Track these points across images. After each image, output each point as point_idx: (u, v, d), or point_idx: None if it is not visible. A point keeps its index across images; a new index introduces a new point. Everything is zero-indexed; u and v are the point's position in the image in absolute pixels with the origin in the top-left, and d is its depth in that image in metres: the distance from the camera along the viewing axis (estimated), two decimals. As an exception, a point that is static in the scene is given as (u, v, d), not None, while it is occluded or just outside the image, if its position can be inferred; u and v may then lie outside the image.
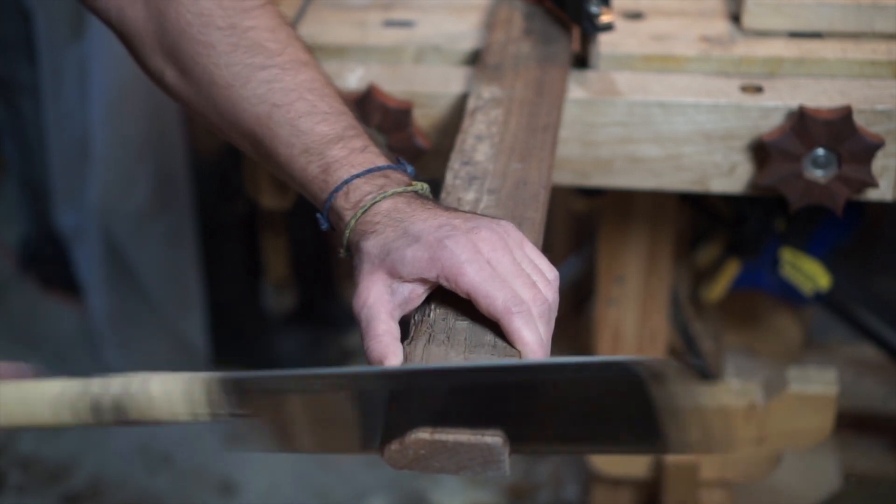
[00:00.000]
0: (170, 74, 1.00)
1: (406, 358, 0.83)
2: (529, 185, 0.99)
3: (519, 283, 0.84)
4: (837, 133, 1.13)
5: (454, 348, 0.83)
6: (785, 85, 1.19)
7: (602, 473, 1.60)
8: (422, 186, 0.93)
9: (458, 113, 1.18)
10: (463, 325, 0.85)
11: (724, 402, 1.53)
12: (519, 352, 0.83)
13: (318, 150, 0.93)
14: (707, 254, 1.72)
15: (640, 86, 1.20)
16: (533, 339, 0.83)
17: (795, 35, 1.24)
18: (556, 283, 0.87)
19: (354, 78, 1.23)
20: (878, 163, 1.15)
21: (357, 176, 0.91)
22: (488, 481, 2.06)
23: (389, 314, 0.85)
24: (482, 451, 0.78)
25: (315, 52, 1.27)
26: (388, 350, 0.82)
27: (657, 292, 1.54)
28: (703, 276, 1.72)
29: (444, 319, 0.86)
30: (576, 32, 1.23)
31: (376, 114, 1.20)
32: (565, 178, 1.22)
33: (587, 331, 1.69)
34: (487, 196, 0.98)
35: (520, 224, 0.93)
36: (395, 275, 0.85)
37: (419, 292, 0.86)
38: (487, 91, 1.13)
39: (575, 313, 1.95)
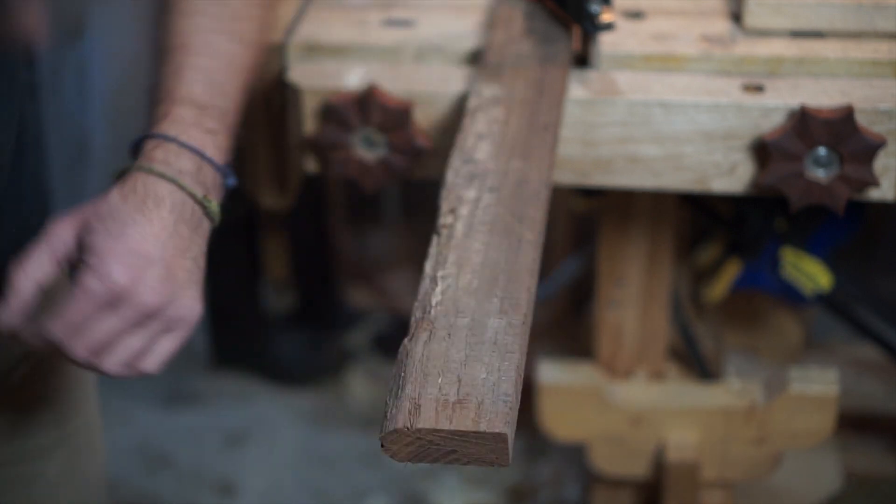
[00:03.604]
0: None
1: (406, 355, 0.83)
2: (530, 184, 0.99)
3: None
4: (838, 132, 1.13)
5: (455, 346, 0.83)
6: (786, 84, 1.19)
7: (602, 474, 1.60)
8: (213, 211, 0.92)
9: (458, 112, 1.18)
10: (464, 321, 0.85)
11: (724, 402, 1.53)
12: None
13: (175, 97, 0.92)
14: (707, 254, 1.72)
15: (640, 85, 1.20)
16: None
17: (796, 34, 1.24)
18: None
19: (354, 78, 1.23)
20: (880, 162, 1.15)
21: (175, 141, 0.90)
22: (489, 481, 2.06)
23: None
24: (485, 440, 0.78)
25: (315, 51, 1.27)
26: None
27: (658, 293, 1.53)
28: (703, 277, 1.72)
29: (445, 316, 0.86)
30: (576, 32, 1.23)
31: (376, 113, 1.20)
32: (566, 177, 1.22)
33: (587, 331, 1.69)
34: (488, 194, 0.98)
35: (521, 222, 0.93)
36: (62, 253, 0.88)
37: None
38: (488, 90, 1.13)
39: (575, 314, 1.95)
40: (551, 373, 1.55)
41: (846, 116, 1.12)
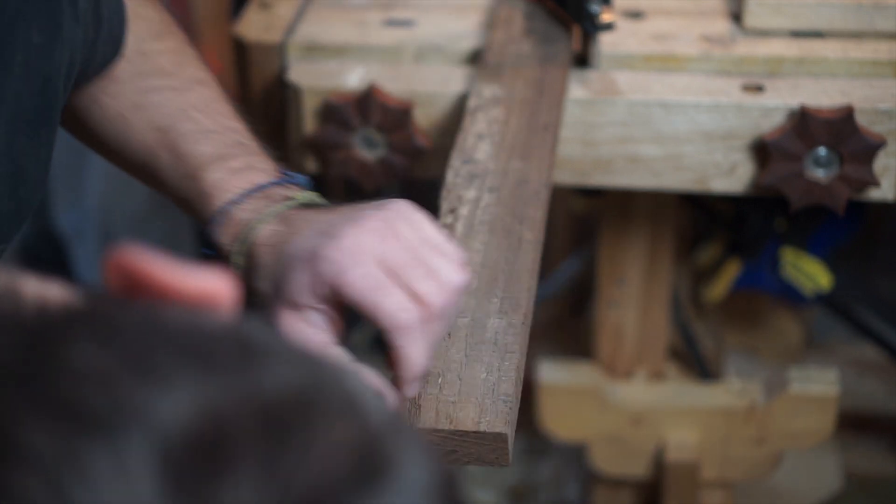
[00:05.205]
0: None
1: None
2: (530, 184, 0.99)
3: (415, 276, 0.75)
4: (838, 132, 1.13)
5: (455, 345, 0.83)
6: (786, 84, 1.19)
7: (602, 474, 1.60)
8: (308, 196, 0.84)
9: (458, 112, 1.18)
10: (464, 321, 0.85)
11: (724, 402, 1.53)
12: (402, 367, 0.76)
13: (195, 176, 0.87)
14: (707, 254, 1.72)
15: (640, 85, 1.20)
16: (417, 361, 0.75)
17: (796, 34, 1.24)
18: (461, 264, 0.78)
19: (354, 78, 1.23)
20: (880, 162, 1.15)
21: (233, 203, 0.84)
22: (489, 481, 2.06)
23: (325, 349, 0.76)
24: (485, 440, 0.77)
25: (315, 51, 1.27)
26: None
27: (658, 293, 1.53)
28: (703, 277, 1.72)
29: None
30: (576, 32, 1.23)
31: (376, 113, 1.20)
32: (565, 177, 1.22)
33: (587, 331, 1.69)
34: (488, 194, 0.98)
35: (521, 222, 0.93)
36: (295, 306, 0.77)
37: (334, 313, 0.77)
38: (488, 90, 1.13)
39: (575, 314, 1.94)
40: (551, 373, 1.55)
41: (846, 116, 1.12)
